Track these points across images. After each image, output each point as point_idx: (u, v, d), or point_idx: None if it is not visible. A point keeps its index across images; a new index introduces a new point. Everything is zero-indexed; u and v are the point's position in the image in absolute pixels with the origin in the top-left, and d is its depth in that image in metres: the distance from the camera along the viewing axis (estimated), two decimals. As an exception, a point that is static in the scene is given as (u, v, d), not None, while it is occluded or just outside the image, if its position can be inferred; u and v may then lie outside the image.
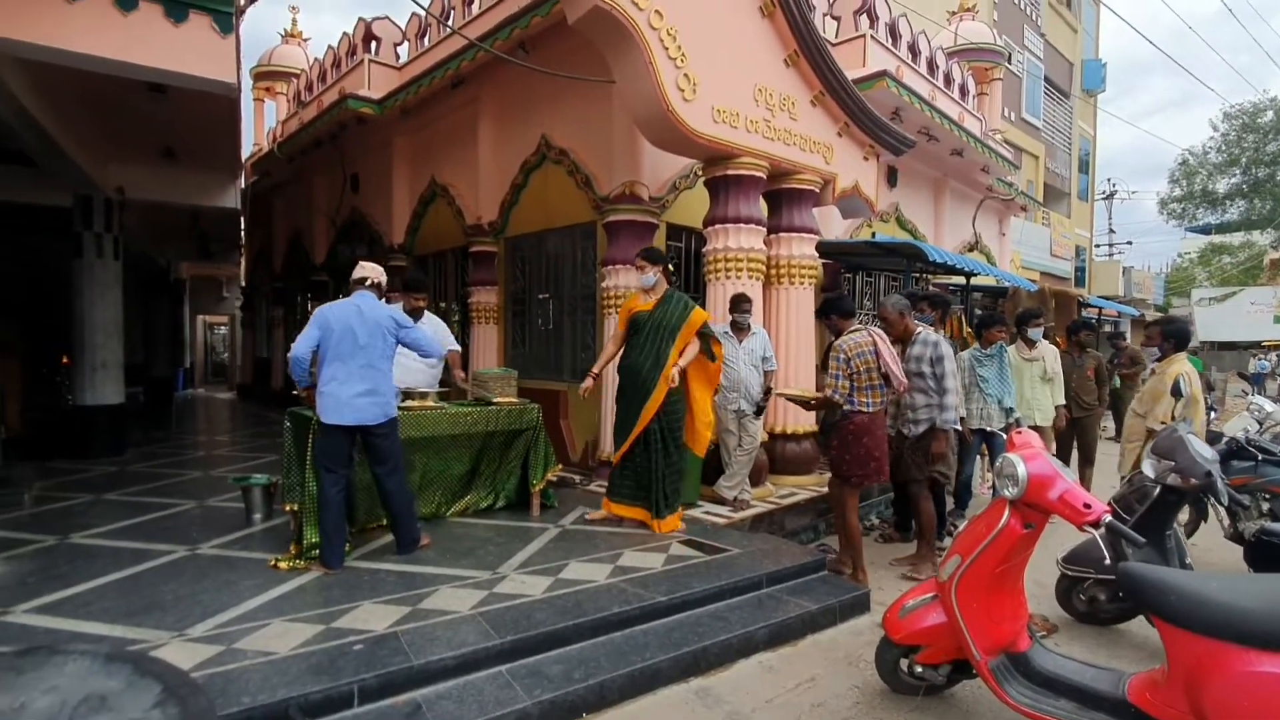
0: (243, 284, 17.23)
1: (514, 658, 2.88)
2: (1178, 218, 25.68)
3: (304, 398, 3.89)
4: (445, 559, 3.83)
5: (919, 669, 2.82)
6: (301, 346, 3.61)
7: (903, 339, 4.50)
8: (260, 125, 13.69)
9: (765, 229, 5.69)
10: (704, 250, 5.65)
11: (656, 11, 4.62)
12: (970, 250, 11.46)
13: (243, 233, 14.23)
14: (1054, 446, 6.01)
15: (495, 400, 4.75)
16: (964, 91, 10.17)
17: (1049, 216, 18.25)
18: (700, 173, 5.75)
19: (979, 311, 9.24)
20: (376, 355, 3.68)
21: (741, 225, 5.39)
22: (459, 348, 5.13)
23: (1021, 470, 2.48)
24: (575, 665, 2.89)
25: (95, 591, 3.32)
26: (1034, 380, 5.71)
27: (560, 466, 5.24)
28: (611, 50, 4.79)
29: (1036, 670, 2.53)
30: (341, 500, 3.65)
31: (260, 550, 3.98)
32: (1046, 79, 18.68)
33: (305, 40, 13.77)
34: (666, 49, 4.70)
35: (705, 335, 4.46)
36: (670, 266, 4.70)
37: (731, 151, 5.25)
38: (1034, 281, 12.14)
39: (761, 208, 5.70)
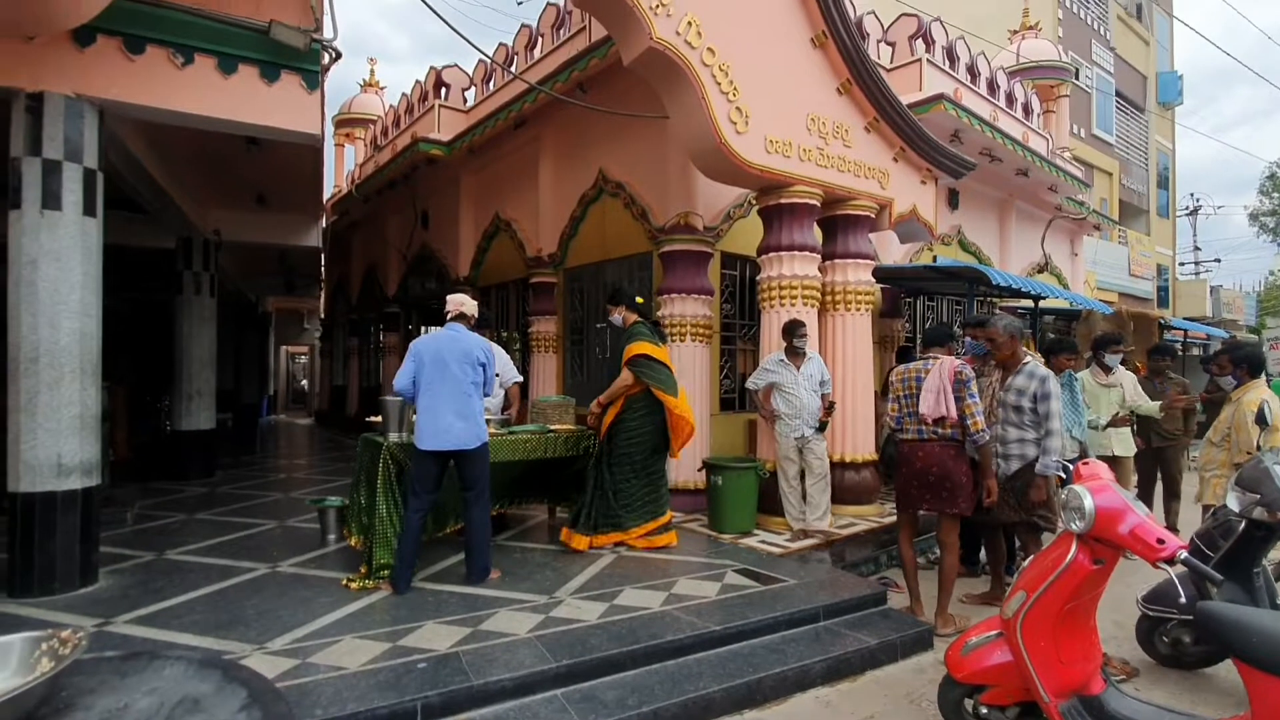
0: (322, 316, 18.26)
1: (569, 682, 2.94)
2: (1270, 232, 23.86)
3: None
4: (504, 582, 3.95)
5: (984, 710, 2.71)
6: (403, 380, 3.84)
7: (1006, 365, 4.15)
8: (340, 168, 14.65)
9: (820, 256, 5.69)
10: (758, 278, 5.69)
11: (709, 49, 4.77)
12: (1039, 272, 11.03)
13: (322, 268, 15.16)
14: (1134, 479, 5.68)
15: (553, 427, 4.89)
16: (1028, 110, 9.91)
17: (1126, 235, 17.35)
18: (754, 202, 5.82)
19: (1050, 336, 8.86)
20: (467, 382, 3.85)
21: (795, 253, 5.42)
22: (520, 379, 5.33)
23: (1088, 503, 2.38)
24: (629, 692, 2.93)
25: (187, 605, 3.58)
26: (1111, 408, 5.43)
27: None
28: (665, 88, 4.96)
29: (1110, 714, 2.40)
30: (420, 526, 3.81)
31: (334, 569, 4.20)
32: (1118, 94, 17.93)
33: (382, 89, 14.74)
34: (719, 84, 4.84)
35: (633, 367, 4.54)
36: (640, 299, 4.89)
37: (784, 180, 5.30)
38: (1110, 304, 11.55)
39: (816, 234, 5.71)
